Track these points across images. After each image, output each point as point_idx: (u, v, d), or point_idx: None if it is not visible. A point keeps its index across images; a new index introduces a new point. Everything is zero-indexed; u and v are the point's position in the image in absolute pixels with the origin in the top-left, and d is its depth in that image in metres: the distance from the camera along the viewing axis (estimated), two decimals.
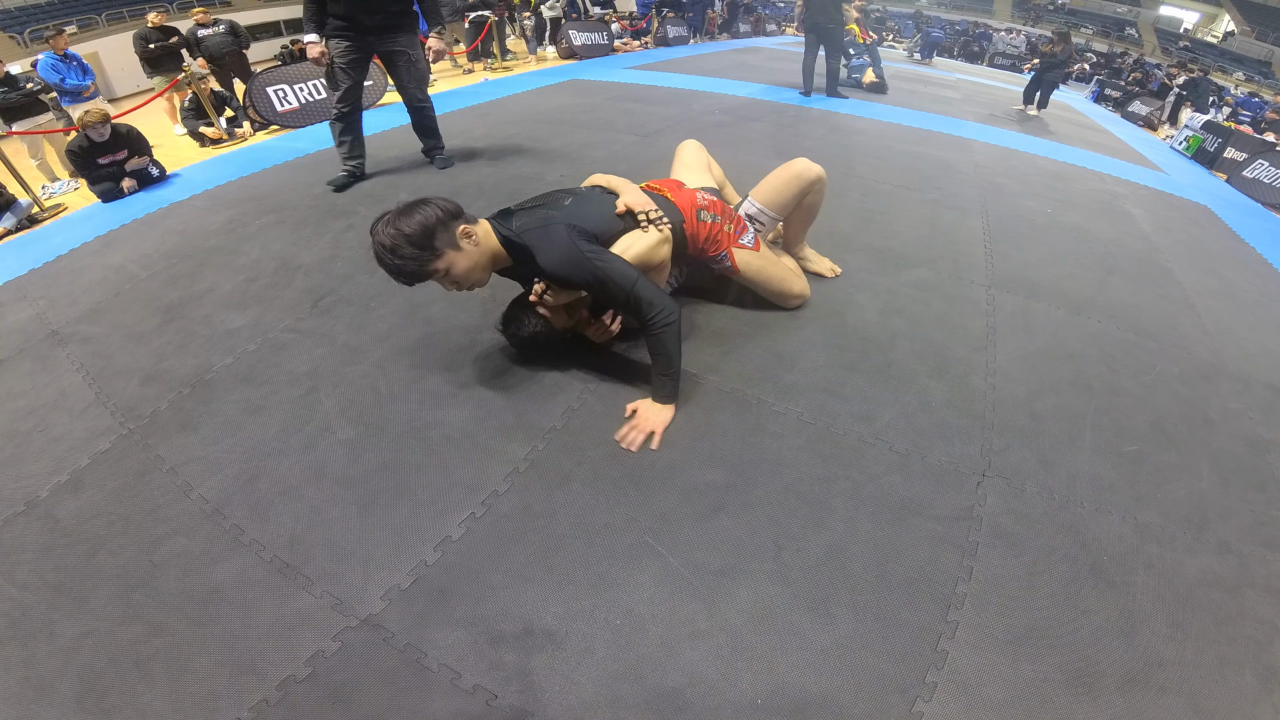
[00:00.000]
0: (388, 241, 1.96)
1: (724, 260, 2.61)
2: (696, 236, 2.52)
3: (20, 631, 1.61)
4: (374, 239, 2.00)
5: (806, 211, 2.90)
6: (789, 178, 2.73)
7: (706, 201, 2.58)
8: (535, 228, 2.14)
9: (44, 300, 3.19)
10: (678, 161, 2.94)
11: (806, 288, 2.94)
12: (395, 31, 4.19)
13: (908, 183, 4.90)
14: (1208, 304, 3.52)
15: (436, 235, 2.01)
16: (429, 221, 2.00)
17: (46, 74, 6.85)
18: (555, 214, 2.19)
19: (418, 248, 1.98)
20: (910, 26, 19.78)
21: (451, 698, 1.44)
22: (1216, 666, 1.61)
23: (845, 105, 7.93)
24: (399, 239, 1.96)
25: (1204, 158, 9.17)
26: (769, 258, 2.78)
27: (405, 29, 4.23)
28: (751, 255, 2.68)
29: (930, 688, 1.50)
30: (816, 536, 1.85)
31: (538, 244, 2.12)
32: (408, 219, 1.98)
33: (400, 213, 2.00)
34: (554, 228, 2.12)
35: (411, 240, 1.97)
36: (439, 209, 2.04)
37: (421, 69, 4.47)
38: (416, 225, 1.98)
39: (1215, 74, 24.30)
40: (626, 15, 15.22)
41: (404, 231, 1.96)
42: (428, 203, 2.03)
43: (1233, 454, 2.35)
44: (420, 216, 1.99)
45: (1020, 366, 2.66)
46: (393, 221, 1.98)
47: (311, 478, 2.02)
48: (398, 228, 1.97)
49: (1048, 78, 9.68)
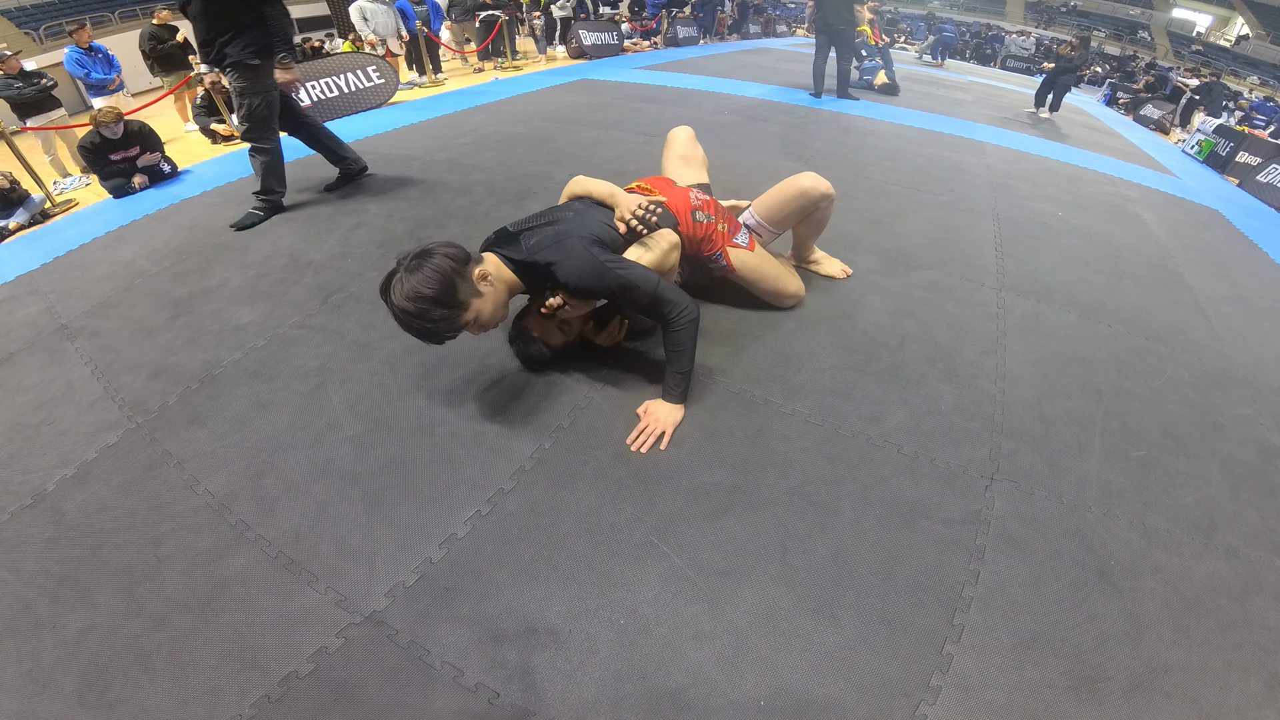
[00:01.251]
0: (411, 308, 1.83)
1: (719, 260, 2.60)
2: (693, 237, 2.51)
3: (23, 624, 1.61)
4: (392, 306, 1.87)
5: (815, 225, 2.90)
6: (794, 194, 2.69)
7: (700, 201, 2.57)
8: (549, 245, 2.08)
9: (54, 294, 3.21)
10: (672, 152, 2.93)
11: (801, 287, 2.93)
12: (219, 63, 3.60)
13: (919, 184, 4.88)
14: (1219, 309, 3.49)
15: (458, 288, 1.89)
16: (446, 275, 1.86)
17: (72, 68, 6.90)
18: (565, 228, 2.13)
19: (446, 306, 1.87)
20: (922, 28, 19.68)
21: (454, 695, 1.44)
22: (1222, 672, 1.60)
23: (856, 107, 7.90)
24: (423, 302, 1.83)
25: (1216, 162, 9.09)
26: (764, 256, 2.78)
27: (231, 60, 3.56)
28: (747, 255, 2.67)
29: (934, 691, 1.49)
30: (823, 538, 1.84)
31: (557, 259, 2.06)
32: (424, 279, 1.83)
33: (411, 270, 1.85)
34: (569, 242, 2.08)
35: (437, 300, 1.84)
36: (449, 259, 1.90)
37: (249, 104, 3.69)
38: (436, 283, 1.84)
39: (1227, 78, 24.15)
40: (635, 14, 15.21)
41: (425, 293, 1.82)
42: (433, 254, 1.89)
43: (1243, 460, 2.33)
44: (435, 273, 1.85)
45: (1030, 370, 2.64)
46: (407, 283, 1.84)
47: (319, 474, 2.02)
48: (417, 290, 1.82)
49: (1061, 80, 9.62)
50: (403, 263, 1.89)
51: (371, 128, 6.13)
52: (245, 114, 3.71)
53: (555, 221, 2.19)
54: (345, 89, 7.11)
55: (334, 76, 7.06)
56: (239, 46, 3.52)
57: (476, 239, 3.44)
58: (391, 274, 1.90)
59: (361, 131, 5.97)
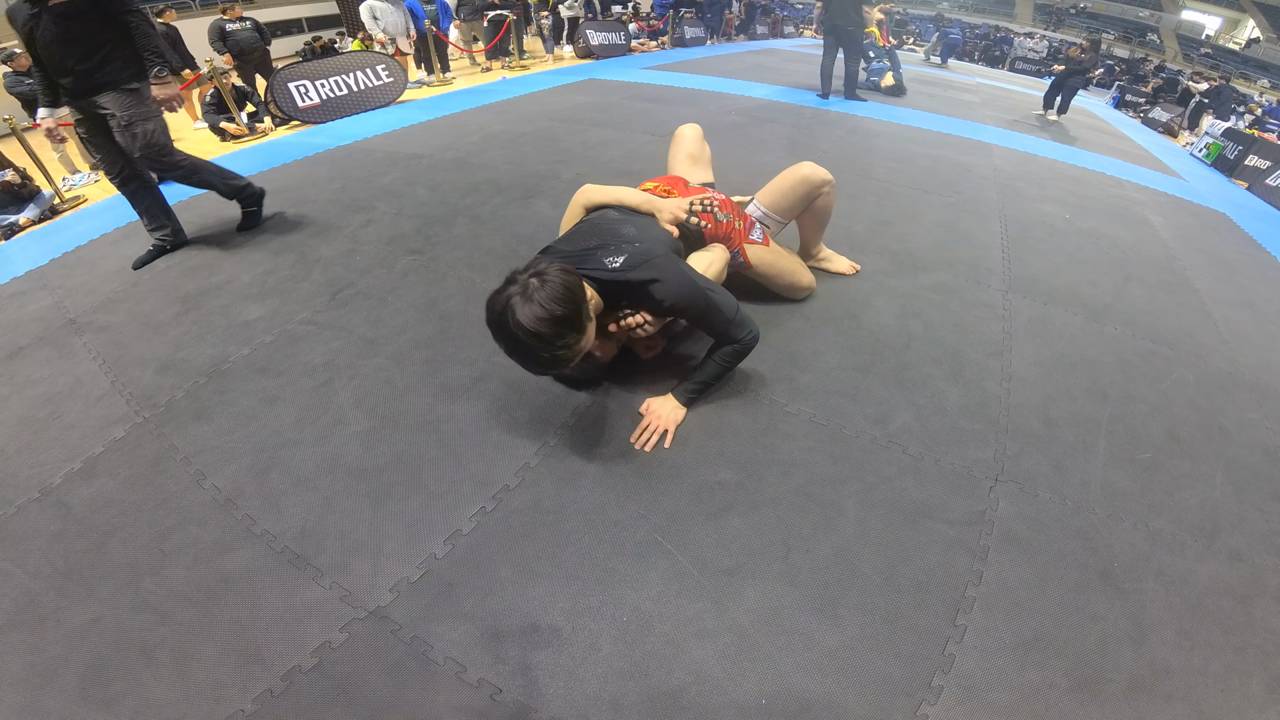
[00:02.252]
0: (545, 330, 1.69)
1: (736, 257, 2.61)
2: (715, 235, 2.52)
3: (28, 617, 1.62)
4: (511, 330, 1.71)
5: (818, 215, 2.90)
6: (795, 181, 2.71)
7: (719, 200, 2.58)
8: (642, 263, 2.01)
9: (62, 289, 3.22)
10: (681, 151, 2.94)
11: (813, 279, 2.98)
12: (93, 92, 3.10)
13: (926, 186, 4.87)
14: (1225, 313, 3.48)
15: (583, 308, 1.77)
16: (575, 293, 1.74)
17: None
18: (649, 246, 2.07)
19: (576, 330, 1.76)
20: (930, 29, 19.64)
21: (456, 691, 1.45)
22: (1224, 675, 1.60)
23: (863, 108, 7.89)
24: (556, 324, 1.70)
25: (1224, 165, 9.04)
26: (779, 252, 2.81)
27: (108, 87, 3.09)
28: (763, 250, 2.70)
29: (936, 691, 1.49)
30: (826, 538, 1.84)
31: (657, 278, 2.00)
32: (553, 296, 1.70)
33: (533, 291, 1.71)
34: (663, 260, 2.04)
35: (568, 320, 1.72)
36: (571, 273, 1.78)
37: (143, 132, 3.20)
38: (566, 302, 1.71)
39: (1237, 81, 24.05)
40: (643, 15, 15.21)
41: (558, 313, 1.69)
42: (549, 272, 1.74)
43: (1248, 463, 2.32)
44: (565, 290, 1.72)
45: (1036, 372, 2.64)
46: (536, 301, 1.69)
47: (325, 469, 2.03)
48: (550, 310, 1.69)
49: (1069, 83, 9.58)
50: (516, 283, 1.75)
51: (380, 126, 6.14)
52: (144, 143, 3.21)
53: (630, 239, 2.10)
54: (354, 87, 7.14)
55: (343, 75, 7.09)
56: (115, 69, 3.08)
57: (484, 237, 3.49)
58: (503, 297, 1.74)
59: (370, 130, 6.00)
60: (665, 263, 2.04)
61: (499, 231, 3.59)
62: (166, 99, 3.23)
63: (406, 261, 3.25)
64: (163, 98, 3.21)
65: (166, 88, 3.21)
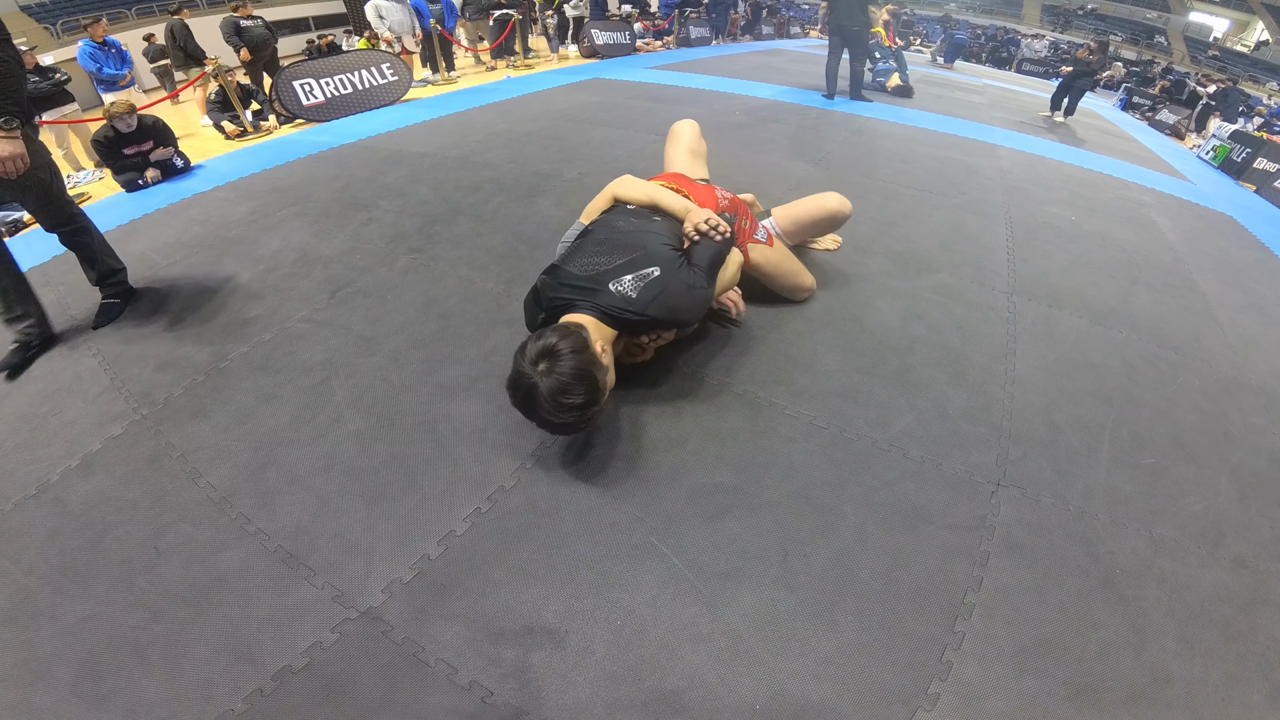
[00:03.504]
0: (572, 419, 1.77)
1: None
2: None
3: (22, 614, 1.62)
4: (541, 417, 1.79)
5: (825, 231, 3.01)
6: (823, 215, 2.81)
7: (726, 200, 2.59)
8: (654, 298, 1.99)
9: (65, 286, 3.22)
10: (681, 145, 2.95)
11: (814, 281, 2.97)
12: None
13: (932, 187, 4.84)
14: (1232, 317, 3.45)
15: (599, 381, 1.80)
16: (589, 375, 1.76)
17: (85, 62, 6.94)
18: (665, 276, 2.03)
19: (596, 405, 1.80)
20: (937, 30, 19.60)
21: (447, 693, 1.44)
22: (1224, 684, 1.58)
23: (869, 109, 7.86)
24: (578, 411, 1.76)
25: (1231, 168, 8.97)
26: (783, 252, 2.81)
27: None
28: (767, 250, 2.69)
29: (933, 698, 1.47)
30: (824, 542, 1.82)
31: (667, 312, 2.01)
32: (568, 386, 1.73)
33: (549, 377, 1.74)
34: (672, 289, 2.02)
35: (589, 404, 1.77)
36: (581, 353, 1.77)
37: (42, 182, 2.65)
38: (584, 390, 1.74)
39: (1246, 83, 23.92)
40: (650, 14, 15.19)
41: (577, 403, 1.74)
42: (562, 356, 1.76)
43: (1253, 469, 2.29)
44: (578, 379, 1.74)
45: (1040, 375, 2.62)
46: (552, 393, 1.73)
47: (320, 468, 2.02)
48: (567, 402, 1.73)
49: (1077, 84, 9.53)
50: (529, 370, 1.77)
51: (385, 124, 6.14)
52: (38, 197, 2.69)
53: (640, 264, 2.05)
54: (359, 86, 7.13)
55: (349, 73, 7.09)
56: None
57: (485, 236, 3.48)
58: (523, 384, 1.78)
59: (375, 128, 6.00)
60: (675, 289, 2.02)
61: (500, 230, 3.58)
62: (9, 157, 2.41)
63: (407, 260, 3.25)
64: (4, 155, 2.40)
65: (11, 142, 2.40)
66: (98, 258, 2.94)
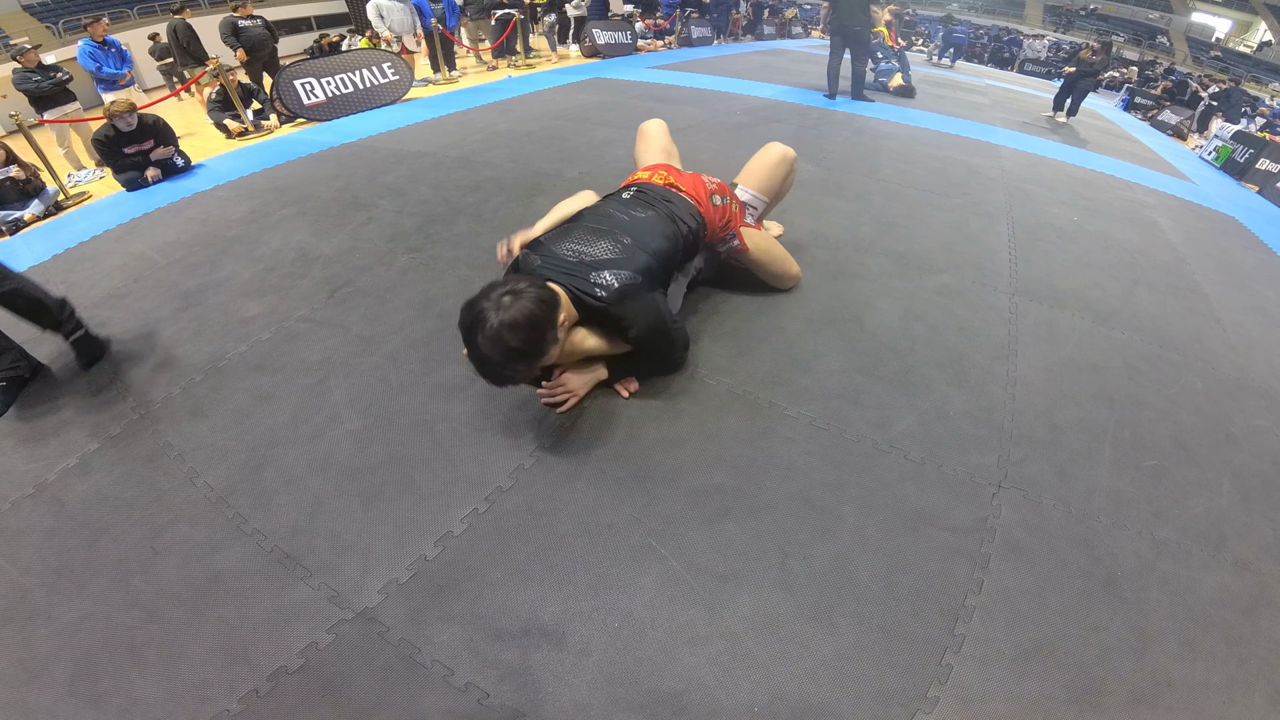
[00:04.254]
0: (495, 355, 1.79)
1: (732, 240, 2.64)
2: (713, 222, 2.53)
3: (18, 613, 1.61)
4: (474, 343, 1.81)
5: (782, 193, 3.00)
6: (776, 161, 2.83)
7: (714, 185, 2.62)
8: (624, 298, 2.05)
9: (64, 285, 3.21)
10: (655, 145, 2.95)
11: (799, 269, 3.02)
12: None
13: (934, 187, 4.83)
14: (1235, 318, 3.43)
15: (545, 338, 1.85)
16: (539, 325, 1.81)
17: (85, 61, 6.93)
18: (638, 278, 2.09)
19: (528, 359, 1.84)
20: (939, 30, 19.57)
21: (443, 695, 1.43)
22: (1226, 687, 1.57)
23: (871, 109, 7.84)
24: (508, 353, 1.79)
25: (1233, 168, 8.95)
26: (769, 237, 2.85)
27: None
28: (757, 234, 2.75)
29: (932, 702, 1.46)
30: (824, 544, 1.81)
31: (632, 316, 2.08)
32: (512, 327, 1.76)
33: (502, 311, 1.78)
34: (644, 299, 2.10)
35: (522, 353, 1.80)
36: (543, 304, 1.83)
37: None
38: (524, 334, 1.78)
39: (1248, 84, 23.88)
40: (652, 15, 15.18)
41: (511, 345, 1.77)
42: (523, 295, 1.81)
43: (1256, 471, 2.28)
44: (527, 324, 1.78)
45: (1042, 377, 2.61)
46: (494, 326, 1.76)
47: (318, 468, 2.01)
48: (503, 340, 1.76)
49: (1080, 85, 9.51)
50: (491, 297, 1.81)
51: (385, 124, 6.14)
52: None
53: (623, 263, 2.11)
54: (360, 85, 7.13)
55: (350, 72, 7.09)
56: None
57: (484, 235, 3.47)
58: (476, 309, 1.82)
59: (375, 128, 5.99)
60: (646, 302, 2.11)
61: (500, 230, 3.56)
62: None
63: (406, 259, 3.24)
64: None
65: None
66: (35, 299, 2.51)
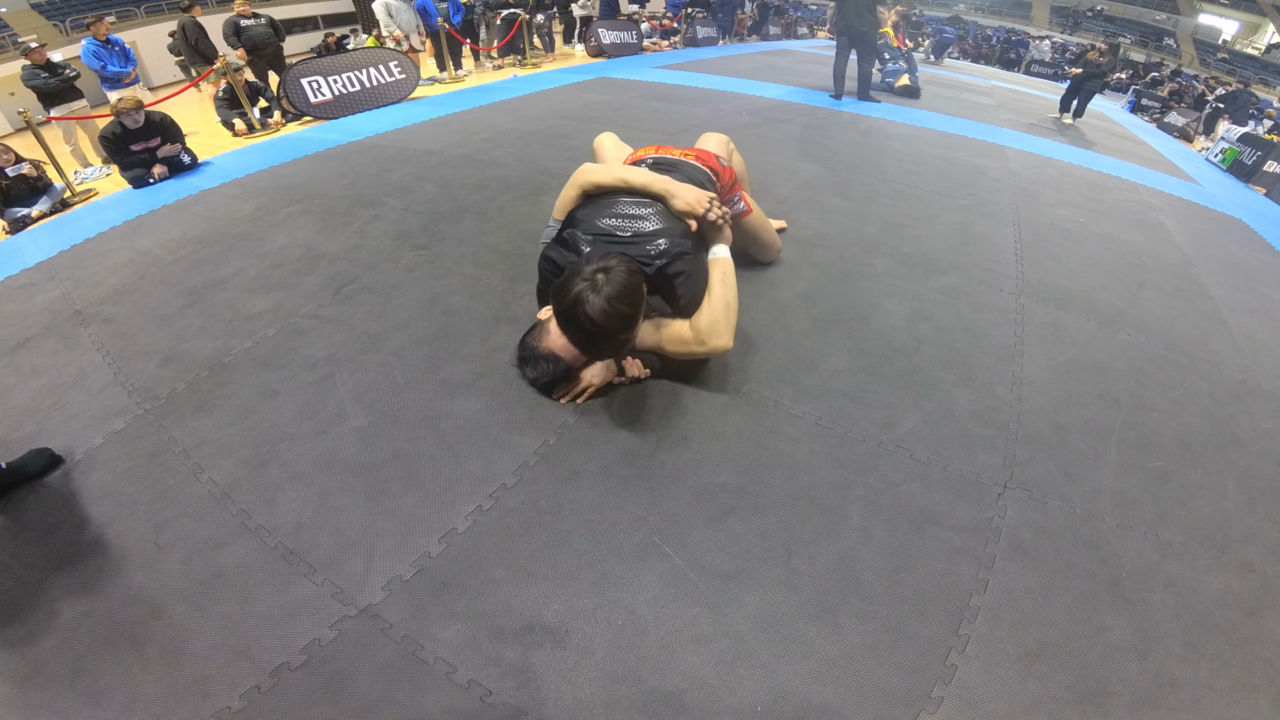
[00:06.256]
0: (613, 325, 1.80)
1: (738, 202, 2.76)
2: (724, 182, 2.65)
3: (21, 608, 1.62)
4: (584, 320, 1.81)
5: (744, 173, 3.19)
6: (722, 141, 2.93)
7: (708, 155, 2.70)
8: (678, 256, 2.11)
9: (70, 281, 3.23)
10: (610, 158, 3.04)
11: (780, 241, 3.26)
12: None
13: (940, 188, 4.81)
14: (1241, 320, 3.42)
15: (644, 302, 1.89)
16: (640, 288, 1.86)
17: (89, 60, 6.94)
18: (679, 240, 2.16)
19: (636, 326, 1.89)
20: (941, 30, 19.56)
21: (446, 692, 1.43)
22: (1230, 689, 1.56)
23: (877, 109, 7.82)
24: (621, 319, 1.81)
25: (1240, 170, 8.90)
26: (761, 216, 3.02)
27: None
28: (753, 201, 2.90)
29: (936, 702, 1.46)
30: (829, 544, 1.81)
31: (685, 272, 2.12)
32: (630, 290, 1.82)
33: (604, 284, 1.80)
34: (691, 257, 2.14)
35: (631, 319, 1.85)
36: (635, 273, 1.87)
37: None
38: (635, 299, 1.83)
39: (1256, 86, 23.76)
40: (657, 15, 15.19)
41: (624, 310, 1.80)
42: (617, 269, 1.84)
43: (1262, 473, 2.27)
44: (634, 285, 1.83)
45: (1048, 377, 2.60)
46: (609, 301, 1.78)
47: (322, 464, 2.01)
48: (623, 306, 1.80)
49: (1086, 86, 9.47)
50: (582, 279, 1.83)
51: (392, 122, 6.15)
52: None
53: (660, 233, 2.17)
54: (367, 84, 7.15)
55: (357, 71, 7.10)
56: None
57: (490, 233, 3.48)
58: (574, 285, 1.83)
59: (382, 126, 6.01)
60: (699, 263, 2.16)
61: (505, 228, 3.57)
62: None
63: (412, 257, 3.24)
64: None
65: None
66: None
